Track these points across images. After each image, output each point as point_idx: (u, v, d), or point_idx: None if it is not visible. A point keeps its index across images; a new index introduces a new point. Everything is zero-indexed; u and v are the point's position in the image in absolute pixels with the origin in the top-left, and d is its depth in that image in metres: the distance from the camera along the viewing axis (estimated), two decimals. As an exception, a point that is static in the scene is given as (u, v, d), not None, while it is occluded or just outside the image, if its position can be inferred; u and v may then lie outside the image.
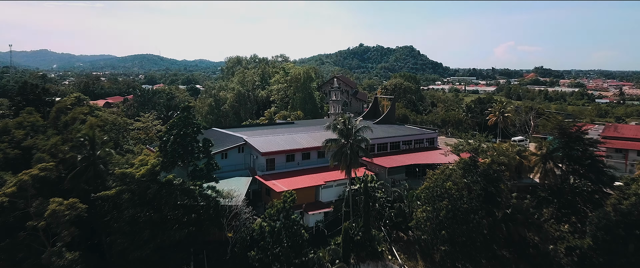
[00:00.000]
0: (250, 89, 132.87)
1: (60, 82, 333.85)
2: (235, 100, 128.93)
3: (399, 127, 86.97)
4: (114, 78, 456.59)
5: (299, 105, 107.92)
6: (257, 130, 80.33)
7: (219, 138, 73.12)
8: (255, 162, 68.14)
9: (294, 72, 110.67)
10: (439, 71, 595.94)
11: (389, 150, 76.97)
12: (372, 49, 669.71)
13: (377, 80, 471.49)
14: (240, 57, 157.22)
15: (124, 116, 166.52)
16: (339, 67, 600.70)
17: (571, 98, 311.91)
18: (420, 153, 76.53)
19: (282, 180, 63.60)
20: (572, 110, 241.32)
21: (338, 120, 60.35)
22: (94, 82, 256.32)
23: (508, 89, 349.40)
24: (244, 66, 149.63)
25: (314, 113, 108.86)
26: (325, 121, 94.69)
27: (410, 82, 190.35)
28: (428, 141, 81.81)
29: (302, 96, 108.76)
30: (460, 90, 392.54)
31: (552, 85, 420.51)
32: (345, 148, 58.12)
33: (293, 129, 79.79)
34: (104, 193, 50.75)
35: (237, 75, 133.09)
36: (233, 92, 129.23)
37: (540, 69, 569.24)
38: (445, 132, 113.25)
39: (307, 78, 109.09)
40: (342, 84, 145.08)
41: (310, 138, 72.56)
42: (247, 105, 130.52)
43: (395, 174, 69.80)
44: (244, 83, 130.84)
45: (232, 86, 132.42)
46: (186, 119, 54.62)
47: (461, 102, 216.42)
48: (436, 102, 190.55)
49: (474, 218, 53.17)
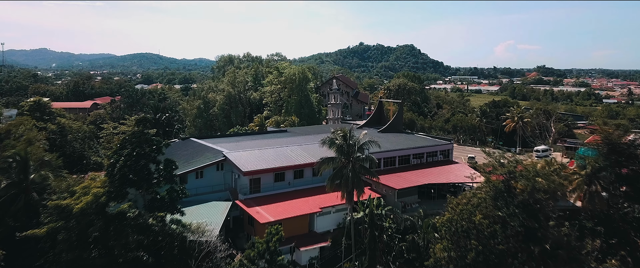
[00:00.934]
0: (242, 91, 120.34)
1: (51, 82, 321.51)
2: (225, 103, 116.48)
3: (408, 136, 74.46)
4: (109, 77, 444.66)
5: (294, 109, 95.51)
6: (243, 140, 67.92)
7: (195, 152, 60.70)
8: (237, 181, 55.73)
9: (288, 73, 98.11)
10: (439, 70, 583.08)
11: (398, 166, 64.49)
12: (372, 48, 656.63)
13: (377, 80, 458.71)
14: (233, 56, 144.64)
15: (109, 119, 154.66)
16: (338, 66, 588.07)
17: (577, 98, 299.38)
18: (434, 170, 64.04)
19: (268, 206, 51.23)
20: (582, 111, 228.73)
21: (337, 133, 47.82)
22: (84, 81, 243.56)
23: (512, 89, 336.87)
24: (236, 65, 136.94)
25: (311, 118, 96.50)
26: (324, 128, 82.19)
27: (414, 82, 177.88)
28: (442, 154, 69.31)
29: (297, 99, 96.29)
30: (462, 89, 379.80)
31: (556, 84, 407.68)
32: (346, 169, 45.68)
33: (285, 140, 67.34)
34: (32, 232, 38.38)
35: (227, 76, 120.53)
36: (223, 94, 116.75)
37: (543, 68, 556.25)
38: (457, 139, 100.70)
39: (303, 79, 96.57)
40: (342, 84, 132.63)
41: (304, 152, 60.11)
42: (238, 108, 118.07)
43: (406, 196, 57.40)
44: (235, 84, 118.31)
45: (221, 87, 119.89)
46: (141, 135, 42.06)
47: (467, 103, 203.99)
48: (441, 103, 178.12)
49: (513, 264, 40.74)
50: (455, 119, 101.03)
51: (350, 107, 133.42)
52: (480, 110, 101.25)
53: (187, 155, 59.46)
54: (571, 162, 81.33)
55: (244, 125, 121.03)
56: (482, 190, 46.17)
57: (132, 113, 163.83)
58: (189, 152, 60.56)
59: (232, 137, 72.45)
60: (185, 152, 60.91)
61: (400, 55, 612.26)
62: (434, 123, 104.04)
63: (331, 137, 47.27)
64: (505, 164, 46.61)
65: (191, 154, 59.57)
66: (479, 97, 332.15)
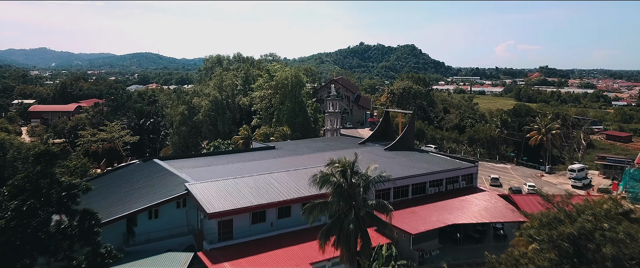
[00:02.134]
0: (230, 95, 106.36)
1: (43, 82, 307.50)
2: (211, 109, 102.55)
3: (421, 155, 60.35)
4: (103, 78, 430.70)
5: (286, 118, 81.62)
6: (218, 162, 53.96)
7: (153, 181, 46.75)
8: (203, 222, 41.79)
9: (279, 76, 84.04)
10: (441, 70, 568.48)
11: (411, 197, 50.50)
12: (372, 48, 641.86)
13: (378, 80, 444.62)
14: (222, 56, 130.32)
15: (89, 125, 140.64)
16: (339, 66, 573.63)
17: (585, 100, 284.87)
18: (457, 201, 50.07)
19: (241, 260, 37.34)
20: (594, 115, 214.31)
21: (333, 166, 33.82)
22: (73, 82, 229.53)
23: (517, 90, 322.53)
24: (224, 67, 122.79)
25: (306, 128, 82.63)
26: (319, 143, 68.23)
27: (419, 84, 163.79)
28: (465, 179, 55.34)
29: (290, 107, 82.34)
30: (465, 90, 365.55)
31: (560, 85, 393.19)
32: (347, 219, 31.75)
33: (270, 163, 53.45)
34: None
35: (214, 79, 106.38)
36: (208, 99, 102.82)
37: (545, 69, 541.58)
38: (473, 152, 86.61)
39: (296, 83, 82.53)
40: (342, 88, 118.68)
41: (292, 181, 46.14)
42: (225, 114, 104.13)
43: (425, 242, 43.44)
44: (222, 88, 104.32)
45: (207, 91, 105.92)
46: (38, 179, 27.90)
47: (475, 107, 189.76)
48: (448, 107, 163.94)
49: None
50: (471, 130, 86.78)
51: (350, 113, 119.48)
52: (501, 119, 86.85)
53: (142, 186, 45.53)
54: (614, 184, 67.50)
55: (232, 133, 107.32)
56: (538, 253, 31.85)
57: (116, 117, 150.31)
58: (145, 181, 46.58)
59: (207, 157, 58.45)
60: (140, 181, 46.97)
61: (401, 55, 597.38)
62: (447, 134, 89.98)
63: (325, 173, 33.27)
64: (573, 215, 32.42)
65: (147, 184, 45.61)
66: (483, 98, 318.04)
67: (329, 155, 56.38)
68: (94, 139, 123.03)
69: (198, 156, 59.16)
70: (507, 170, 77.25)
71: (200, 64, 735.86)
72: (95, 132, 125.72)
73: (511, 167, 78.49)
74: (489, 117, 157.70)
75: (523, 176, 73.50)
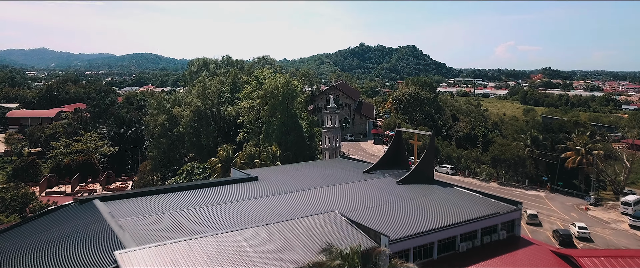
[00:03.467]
0: (215, 104, 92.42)
1: (30, 85, 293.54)
2: (193, 120, 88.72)
3: (444, 191, 46.23)
4: (99, 79, 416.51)
5: (276, 134, 67.68)
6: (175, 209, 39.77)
7: (75, 244, 32.67)
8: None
9: (268, 85, 69.74)
10: (442, 72, 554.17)
11: (437, 257, 36.50)
12: (373, 49, 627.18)
13: (379, 82, 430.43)
14: (208, 59, 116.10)
15: (64, 134, 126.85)
16: (338, 67, 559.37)
17: (594, 104, 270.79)
18: (497, 263, 36.01)
19: None
20: (608, 120, 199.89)
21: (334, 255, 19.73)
22: (59, 85, 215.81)
23: (523, 93, 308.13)
24: (211, 71, 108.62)
25: (299, 147, 68.67)
26: (316, 168, 54.37)
27: (426, 88, 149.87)
28: (505, 227, 41.31)
29: (280, 121, 68.34)
30: (469, 93, 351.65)
31: (565, 87, 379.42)
32: None
33: (247, 207, 39.40)
34: None
35: (196, 85, 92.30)
36: (190, 108, 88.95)
37: (548, 70, 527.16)
38: (497, 175, 72.43)
39: (288, 93, 68.37)
40: (342, 95, 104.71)
41: (271, 244, 32.02)
42: (209, 126, 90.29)
43: None
44: (206, 96, 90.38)
45: (189, 100, 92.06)
46: None
47: (485, 113, 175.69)
48: (457, 114, 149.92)
49: None
50: (495, 149, 72.44)
51: (352, 123, 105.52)
52: (531, 137, 72.24)
53: (56, 252, 31.42)
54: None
55: (217, 146, 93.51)
56: None
57: (98, 125, 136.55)
58: (61, 246, 32.42)
59: (168, 195, 44.37)
60: (55, 242, 32.81)
61: (402, 56, 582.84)
62: (465, 152, 75.70)
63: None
64: None
65: (61, 252, 31.47)
66: (488, 101, 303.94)
67: (325, 194, 42.34)
68: (67, 151, 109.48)
69: (157, 192, 45.06)
70: (540, 198, 63.46)
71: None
72: (69, 143, 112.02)
73: (545, 195, 64.68)
74: (501, 124, 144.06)
75: (563, 209, 59.60)
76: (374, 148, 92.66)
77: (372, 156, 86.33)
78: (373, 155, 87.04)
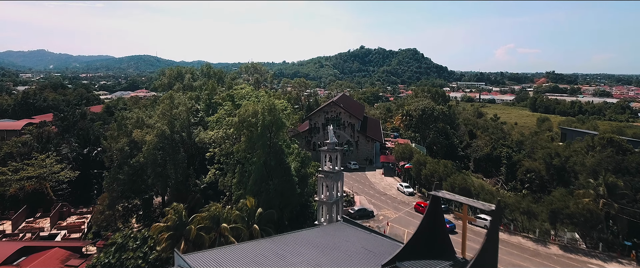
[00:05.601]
0: (186, 126, 71.90)
1: (11, 90, 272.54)
2: (157, 147, 68.22)
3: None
4: (91, 82, 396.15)
5: (255, 179, 47.26)
6: None
7: None
8: None
9: (244, 110, 48.50)
10: (444, 75, 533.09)
11: None
12: (373, 52, 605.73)
13: (380, 86, 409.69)
14: (183, 69, 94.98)
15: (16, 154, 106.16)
16: (338, 70, 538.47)
17: (609, 111, 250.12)
18: None
19: None
20: (632, 133, 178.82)
21: None
22: (36, 92, 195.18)
23: (532, 100, 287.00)
24: (186, 82, 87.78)
25: (286, 197, 47.89)
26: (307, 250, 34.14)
27: (438, 100, 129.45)
28: None
29: (261, 158, 47.83)
30: (474, 98, 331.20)
31: (573, 93, 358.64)
32: None
33: None
34: None
35: (162, 103, 71.63)
36: (154, 133, 68.45)
37: (552, 74, 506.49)
38: (556, 235, 51.78)
39: (272, 122, 47.40)
40: (343, 113, 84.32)
41: None
42: (177, 155, 69.77)
43: None
44: (174, 117, 69.84)
45: (152, 121, 71.69)
46: None
47: (501, 126, 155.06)
48: (474, 129, 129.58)
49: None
50: (555, 200, 51.41)
51: (355, 147, 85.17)
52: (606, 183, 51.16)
53: None
54: None
55: (188, 179, 73.42)
56: None
57: (61, 143, 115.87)
58: None
59: None
60: None
61: (403, 59, 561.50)
62: (510, 198, 54.80)
63: None
64: None
65: None
66: (495, 108, 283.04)
67: None
68: (15, 177, 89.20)
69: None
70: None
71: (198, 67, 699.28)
72: (18, 167, 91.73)
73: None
74: (521, 139, 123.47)
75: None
76: (385, 183, 72.53)
77: (384, 196, 66.03)
78: (384, 195, 66.72)
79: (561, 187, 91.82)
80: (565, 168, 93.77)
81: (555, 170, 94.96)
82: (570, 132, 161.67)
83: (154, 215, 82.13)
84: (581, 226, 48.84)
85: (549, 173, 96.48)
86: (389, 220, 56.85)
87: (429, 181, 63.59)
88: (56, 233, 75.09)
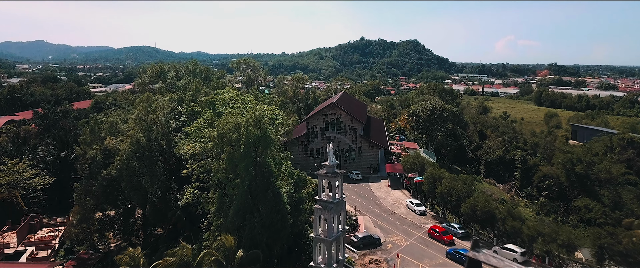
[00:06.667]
0: (166, 133, 62.13)
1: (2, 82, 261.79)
2: (131, 157, 58.58)
3: None
4: (87, 74, 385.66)
5: (236, 208, 37.70)
6: None
7: None
8: None
9: (224, 123, 38.48)
10: (445, 67, 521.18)
11: None
12: (374, 43, 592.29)
13: (381, 78, 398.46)
14: (165, 65, 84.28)
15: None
16: (338, 62, 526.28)
17: (617, 106, 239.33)
18: None
19: None
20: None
21: None
22: (23, 87, 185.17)
23: (537, 94, 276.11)
24: (169, 81, 77.43)
25: (275, 231, 38.15)
26: None
27: (446, 98, 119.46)
28: None
29: (245, 183, 38.07)
30: (477, 91, 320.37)
31: (577, 86, 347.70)
32: None
33: None
34: None
35: (138, 106, 61.65)
36: (127, 141, 58.78)
37: (554, 66, 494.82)
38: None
39: (259, 138, 37.62)
40: (345, 116, 74.45)
41: None
42: (155, 166, 60.19)
43: None
44: (152, 122, 60.02)
45: (127, 127, 62.10)
46: None
47: (512, 125, 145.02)
48: (484, 129, 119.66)
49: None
50: (603, 233, 41.40)
51: (358, 154, 75.46)
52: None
53: None
54: None
55: (167, 193, 64.08)
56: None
57: (39, 144, 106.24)
58: None
59: None
60: None
61: (404, 51, 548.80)
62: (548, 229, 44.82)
63: None
64: None
65: None
66: (500, 102, 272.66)
67: None
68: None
69: None
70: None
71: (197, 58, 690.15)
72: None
73: None
74: (533, 139, 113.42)
75: None
76: (392, 198, 62.94)
77: (392, 216, 56.46)
78: (392, 214, 57.20)
79: (585, 197, 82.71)
80: (589, 176, 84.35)
81: (576, 178, 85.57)
82: (582, 129, 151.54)
83: (134, 229, 72.80)
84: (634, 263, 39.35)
85: (569, 180, 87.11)
86: (399, 250, 47.39)
87: (445, 199, 53.97)
88: (23, 250, 65.68)
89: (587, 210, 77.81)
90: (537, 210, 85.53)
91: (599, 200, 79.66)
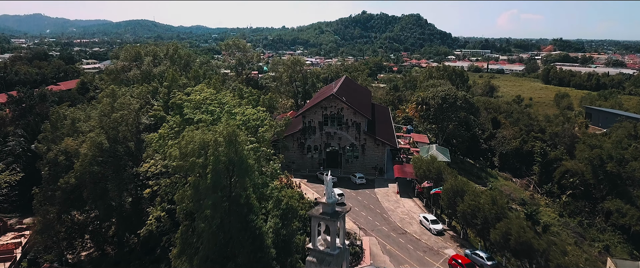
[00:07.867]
0: (134, 133, 51.54)
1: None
2: (93, 161, 48.32)
3: None
4: (82, 48, 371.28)
5: (204, 257, 27.63)
6: None
7: None
8: None
9: (186, 142, 27.95)
10: (447, 42, 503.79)
11: None
12: (375, 17, 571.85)
13: (383, 53, 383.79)
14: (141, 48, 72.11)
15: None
16: (339, 36, 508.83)
17: (629, 84, 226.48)
18: None
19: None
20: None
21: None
22: (8, 65, 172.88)
23: (545, 71, 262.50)
24: (144, 68, 65.81)
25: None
26: None
27: (456, 81, 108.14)
28: None
29: (216, 219, 27.92)
30: (481, 68, 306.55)
31: (585, 62, 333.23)
32: None
33: None
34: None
35: (101, 103, 50.78)
36: (88, 143, 48.38)
37: (559, 41, 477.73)
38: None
39: (234, 162, 27.00)
40: (346, 109, 63.48)
41: None
42: (122, 172, 50.06)
43: None
44: (117, 121, 49.30)
45: (89, 126, 51.59)
46: None
47: (527, 110, 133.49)
48: (498, 116, 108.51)
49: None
50: None
51: (362, 152, 64.89)
52: None
53: None
54: None
55: (139, 204, 54.19)
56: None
57: (16, 127, 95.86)
58: None
59: None
60: None
61: (406, 25, 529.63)
62: None
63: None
64: None
65: None
66: (506, 80, 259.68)
67: None
68: None
69: None
70: None
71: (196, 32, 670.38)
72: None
73: None
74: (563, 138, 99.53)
75: None
76: (402, 210, 52.80)
77: (403, 237, 46.30)
78: (403, 234, 47.10)
79: (615, 198, 72.68)
80: (621, 175, 74.06)
81: (605, 176, 75.33)
82: (596, 112, 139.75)
83: (108, 235, 63.19)
84: None
85: (596, 178, 76.97)
86: (414, 289, 37.52)
87: (468, 221, 43.67)
88: (-18, 259, 56.41)
89: (620, 215, 68.19)
90: (560, 211, 75.97)
91: (634, 203, 69.96)
